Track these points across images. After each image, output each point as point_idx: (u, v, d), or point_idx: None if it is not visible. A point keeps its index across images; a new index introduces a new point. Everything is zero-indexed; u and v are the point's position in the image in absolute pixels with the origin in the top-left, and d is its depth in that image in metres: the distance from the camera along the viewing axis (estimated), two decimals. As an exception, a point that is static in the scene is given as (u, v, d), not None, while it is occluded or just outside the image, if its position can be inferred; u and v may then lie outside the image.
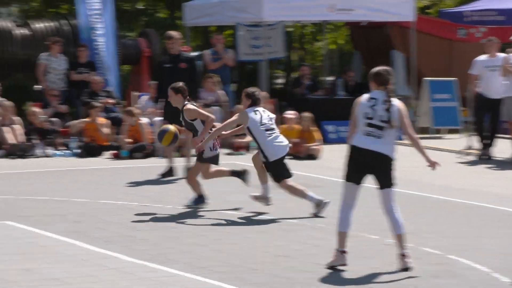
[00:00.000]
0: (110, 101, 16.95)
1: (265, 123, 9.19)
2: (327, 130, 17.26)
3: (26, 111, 16.87)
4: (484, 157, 14.86)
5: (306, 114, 15.50)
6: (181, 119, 9.89)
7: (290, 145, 10.52)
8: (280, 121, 16.42)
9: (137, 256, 7.05)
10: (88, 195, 10.66)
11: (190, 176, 9.88)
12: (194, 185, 9.76)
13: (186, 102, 9.46)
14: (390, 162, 6.81)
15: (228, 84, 18.21)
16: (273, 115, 9.53)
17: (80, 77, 17.27)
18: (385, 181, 6.80)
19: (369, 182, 7.19)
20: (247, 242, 7.86)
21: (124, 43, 20.62)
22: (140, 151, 15.21)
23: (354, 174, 6.82)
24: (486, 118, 15.30)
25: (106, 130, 15.80)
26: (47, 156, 15.07)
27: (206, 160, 9.63)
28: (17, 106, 16.34)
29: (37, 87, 17.59)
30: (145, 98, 17.12)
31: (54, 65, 17.14)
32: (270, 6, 17.85)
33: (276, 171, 9.20)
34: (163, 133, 9.51)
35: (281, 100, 18.49)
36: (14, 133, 15.28)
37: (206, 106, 15.90)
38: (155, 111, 15.23)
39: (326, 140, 16.64)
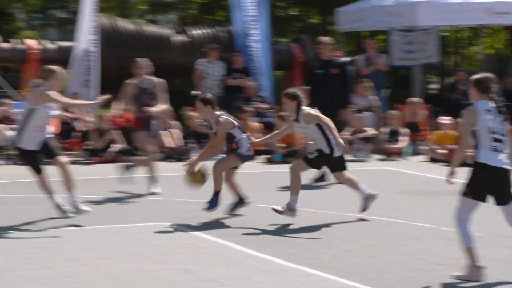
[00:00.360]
0: (263, 106, 17.32)
1: None
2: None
3: (184, 116, 17.37)
4: None
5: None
6: (213, 131, 9.97)
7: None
8: (435, 126, 16.24)
9: (291, 260, 7.14)
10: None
11: (218, 168, 9.82)
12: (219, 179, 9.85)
13: (217, 113, 9.45)
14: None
15: (380, 89, 18.31)
16: None
17: (235, 83, 17.68)
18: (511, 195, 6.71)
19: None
20: (401, 249, 7.81)
21: (278, 49, 20.95)
22: (293, 155, 15.13)
23: (481, 192, 6.66)
24: None
25: (258, 135, 16.00)
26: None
27: (239, 156, 9.79)
28: (175, 111, 16.85)
29: (194, 92, 18.07)
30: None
31: (210, 71, 17.63)
32: (425, 10, 17.95)
33: (340, 164, 9.54)
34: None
35: (436, 106, 18.22)
36: (172, 137, 15.84)
37: (359, 111, 15.94)
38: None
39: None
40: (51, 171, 9.83)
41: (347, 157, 12.14)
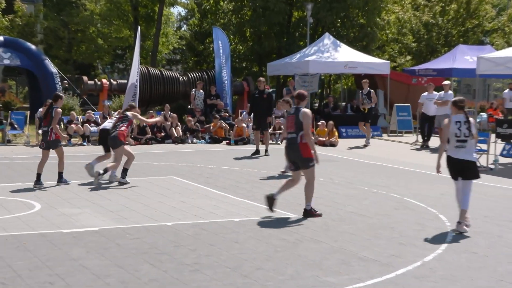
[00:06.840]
0: (227, 114, 19.27)
1: None
2: (341, 131, 18.91)
3: (184, 119, 18.58)
4: (424, 146, 16.56)
5: (330, 122, 17.42)
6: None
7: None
8: (316, 126, 17.62)
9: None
10: (216, 163, 12.43)
11: None
12: None
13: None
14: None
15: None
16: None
17: (212, 102, 19.06)
18: None
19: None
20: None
21: (235, 84, 22.56)
22: (242, 141, 17.10)
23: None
24: (426, 126, 16.41)
25: (224, 129, 17.99)
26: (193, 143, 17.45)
27: None
28: (179, 116, 18.58)
29: (190, 106, 19.52)
30: (244, 112, 18.82)
31: (198, 95, 19.07)
32: (313, 64, 19.51)
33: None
34: None
35: (316, 114, 19.26)
36: (177, 131, 17.41)
37: (276, 117, 17.37)
38: (248, 120, 17.39)
39: (340, 136, 17.95)
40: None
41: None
